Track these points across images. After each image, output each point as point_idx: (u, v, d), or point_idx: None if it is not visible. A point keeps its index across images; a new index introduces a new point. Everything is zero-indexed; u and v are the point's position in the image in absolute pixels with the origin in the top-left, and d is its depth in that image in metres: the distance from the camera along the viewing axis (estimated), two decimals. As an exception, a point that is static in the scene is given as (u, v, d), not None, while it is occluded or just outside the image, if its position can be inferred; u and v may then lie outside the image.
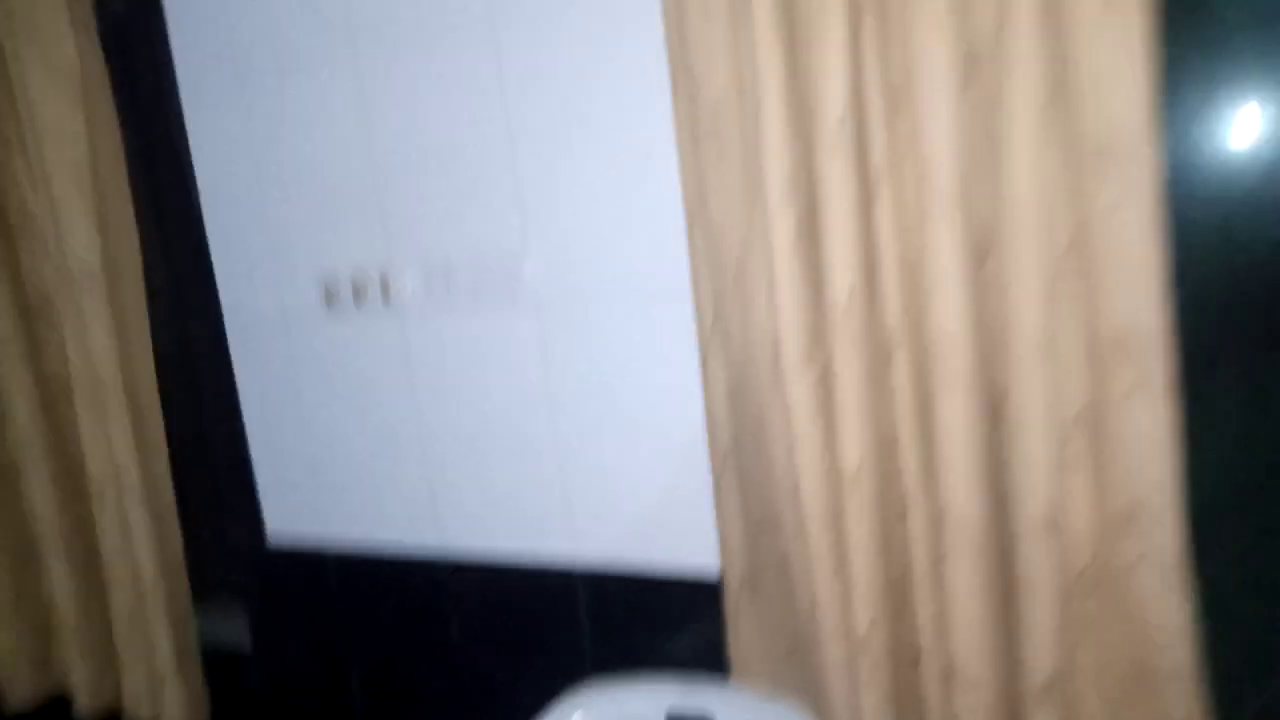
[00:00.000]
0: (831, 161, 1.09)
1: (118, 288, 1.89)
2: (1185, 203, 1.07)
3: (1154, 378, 1.02)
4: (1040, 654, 1.10)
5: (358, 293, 1.68)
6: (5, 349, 2.00)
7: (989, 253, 1.07)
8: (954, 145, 1.05)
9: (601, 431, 1.51)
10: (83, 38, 1.81)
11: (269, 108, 1.70)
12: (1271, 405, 1.12)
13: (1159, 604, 1.07)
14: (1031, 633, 1.10)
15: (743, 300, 1.24)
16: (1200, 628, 1.07)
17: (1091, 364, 1.06)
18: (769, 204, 1.13)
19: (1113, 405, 1.05)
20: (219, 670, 2.05)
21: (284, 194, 1.73)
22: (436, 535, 1.72)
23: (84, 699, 2.11)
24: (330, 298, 1.71)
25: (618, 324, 1.46)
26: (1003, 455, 1.11)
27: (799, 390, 1.16)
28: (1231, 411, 1.12)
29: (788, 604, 1.32)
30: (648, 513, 1.50)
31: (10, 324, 1.99)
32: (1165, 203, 1.00)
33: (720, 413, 1.30)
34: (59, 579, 2.06)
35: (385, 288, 1.65)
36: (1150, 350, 1.01)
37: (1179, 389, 1.02)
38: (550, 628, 1.63)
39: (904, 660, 1.21)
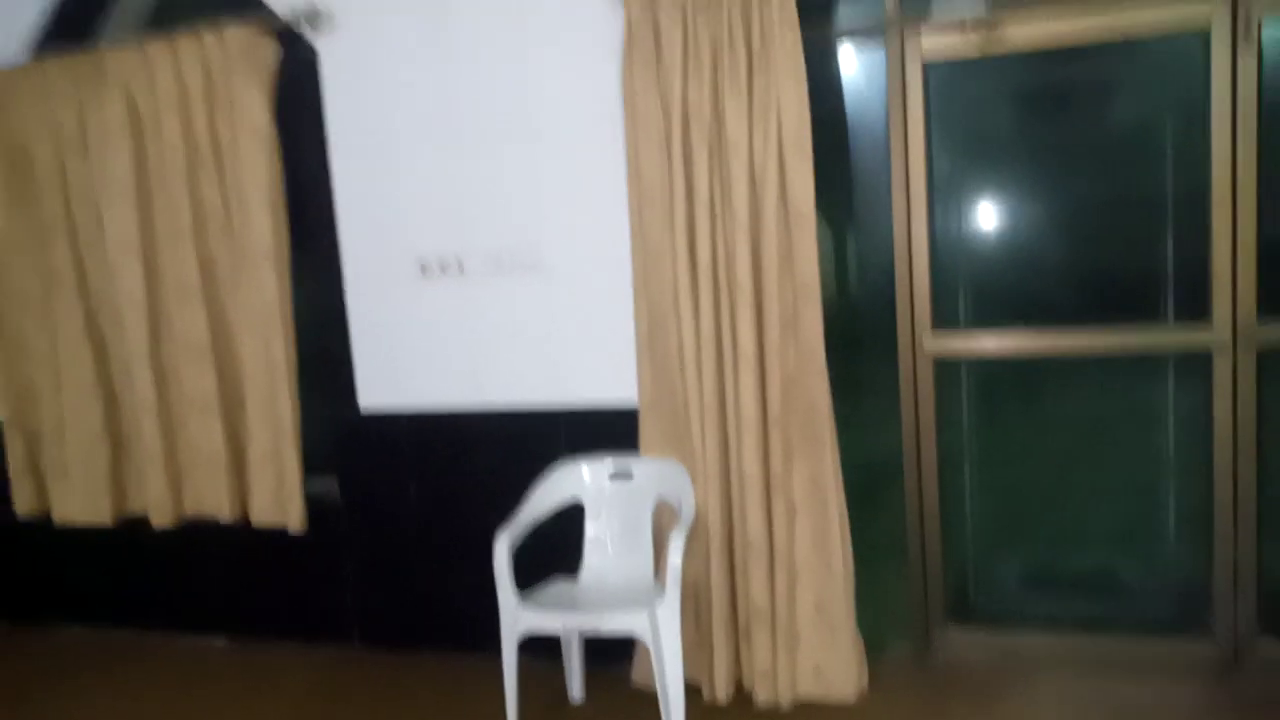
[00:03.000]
0: (702, 212, 2.73)
1: (279, 258, 3.25)
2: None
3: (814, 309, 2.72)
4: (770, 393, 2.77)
5: (442, 267, 3.17)
6: (183, 295, 3.32)
7: (760, 253, 2.74)
8: (747, 226, 2.71)
9: (574, 334, 3.07)
10: (267, 111, 3.20)
11: (385, 154, 3.17)
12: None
13: (814, 380, 2.75)
14: (768, 396, 2.77)
15: (659, 272, 2.85)
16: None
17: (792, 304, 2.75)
18: (674, 227, 2.76)
19: (801, 318, 2.74)
20: (315, 507, 3.39)
21: (395, 205, 3.19)
22: (477, 398, 3.20)
23: (225, 516, 3.41)
24: (424, 269, 3.19)
25: (589, 281, 3.03)
26: (761, 332, 2.77)
27: (685, 310, 2.78)
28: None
29: (671, 411, 2.93)
30: (598, 376, 3.07)
31: (195, 280, 3.32)
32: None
33: (643, 321, 2.90)
34: (213, 432, 3.36)
35: (460, 264, 3.15)
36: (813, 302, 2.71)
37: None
38: (545, 445, 3.13)
39: (726, 428, 2.84)
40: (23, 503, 3.73)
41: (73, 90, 3.36)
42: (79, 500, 3.59)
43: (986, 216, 2.99)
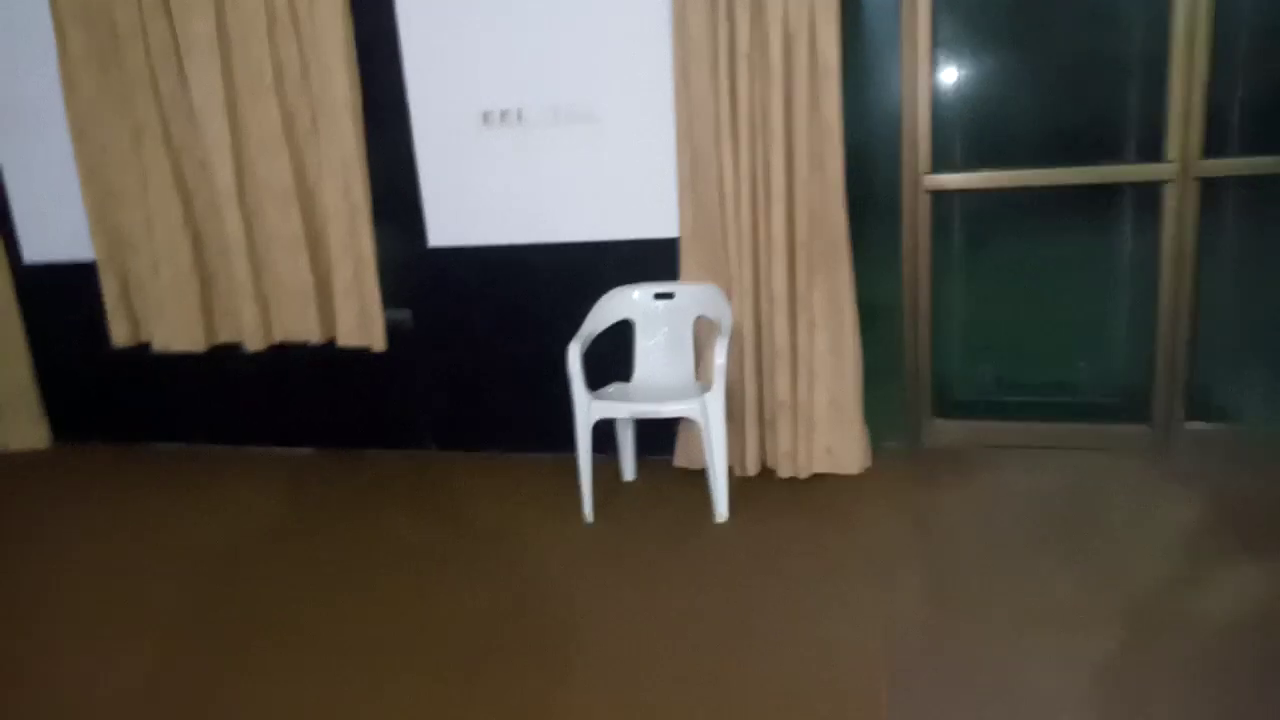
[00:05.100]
0: (742, 67, 3.19)
1: (355, 110, 3.67)
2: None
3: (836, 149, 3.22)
4: (798, 223, 3.31)
5: (502, 116, 3.60)
6: (267, 145, 3.73)
7: (791, 102, 3.21)
8: (781, 78, 3.17)
9: (622, 175, 3.55)
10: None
11: (449, 16, 3.55)
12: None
13: (835, 211, 3.29)
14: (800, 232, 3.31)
15: (702, 120, 3.32)
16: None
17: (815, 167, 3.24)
18: (718, 81, 3.21)
19: (825, 158, 3.24)
20: (391, 333, 3.90)
21: (459, 62, 3.59)
22: (535, 234, 3.70)
23: (314, 339, 3.93)
24: (486, 119, 3.62)
25: (634, 130, 3.50)
26: (791, 171, 3.28)
27: (725, 152, 3.27)
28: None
29: (709, 241, 3.45)
30: (641, 213, 3.57)
31: (277, 131, 3.72)
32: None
33: (686, 163, 3.39)
34: (300, 267, 3.84)
35: (519, 114, 3.59)
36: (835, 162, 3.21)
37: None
38: (595, 275, 3.65)
39: (758, 254, 3.37)
40: (119, 335, 4.19)
41: (156, -44, 3.67)
42: (175, 331, 4.07)
43: (978, 72, 3.47)
